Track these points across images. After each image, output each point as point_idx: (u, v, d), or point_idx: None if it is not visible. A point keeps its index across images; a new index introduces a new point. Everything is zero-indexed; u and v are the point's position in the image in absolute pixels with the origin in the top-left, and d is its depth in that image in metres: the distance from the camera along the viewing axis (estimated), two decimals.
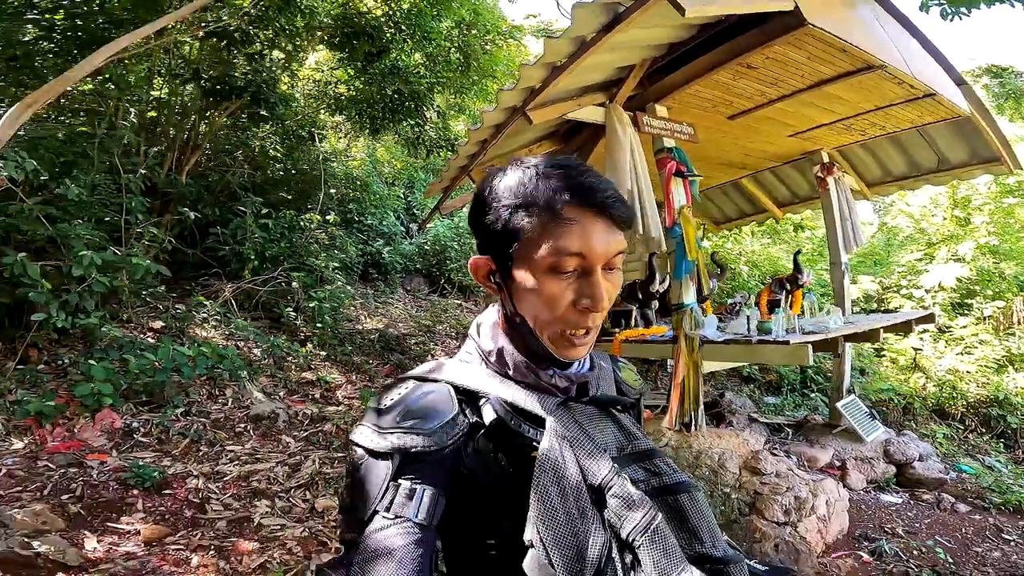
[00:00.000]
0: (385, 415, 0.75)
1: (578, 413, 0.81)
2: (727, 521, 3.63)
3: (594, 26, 2.84)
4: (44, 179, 4.30)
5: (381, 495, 0.69)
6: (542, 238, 0.75)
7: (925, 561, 3.50)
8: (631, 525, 0.71)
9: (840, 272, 5.58)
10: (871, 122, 4.66)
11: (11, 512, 2.92)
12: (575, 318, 0.78)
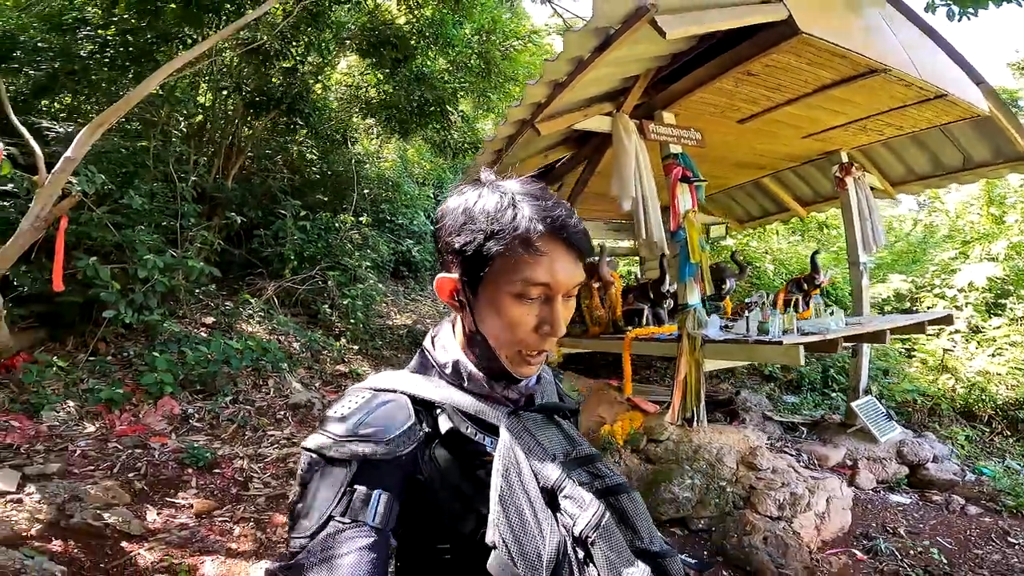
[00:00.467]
0: (342, 423, 0.76)
1: (527, 421, 0.85)
2: (720, 513, 3.77)
3: (587, 48, 3.04)
4: (110, 189, 4.81)
5: (337, 500, 0.71)
6: (513, 266, 0.78)
7: (920, 561, 3.53)
8: (583, 523, 0.75)
9: (859, 272, 5.57)
10: (886, 123, 4.66)
11: (85, 487, 3.38)
12: (534, 341, 0.82)
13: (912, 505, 4.48)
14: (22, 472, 3.41)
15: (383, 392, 0.82)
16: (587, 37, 2.93)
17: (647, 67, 3.90)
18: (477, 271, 0.81)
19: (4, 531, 2.88)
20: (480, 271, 0.80)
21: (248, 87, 5.42)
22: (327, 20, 5.40)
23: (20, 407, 4.09)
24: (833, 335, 3.89)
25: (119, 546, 3.04)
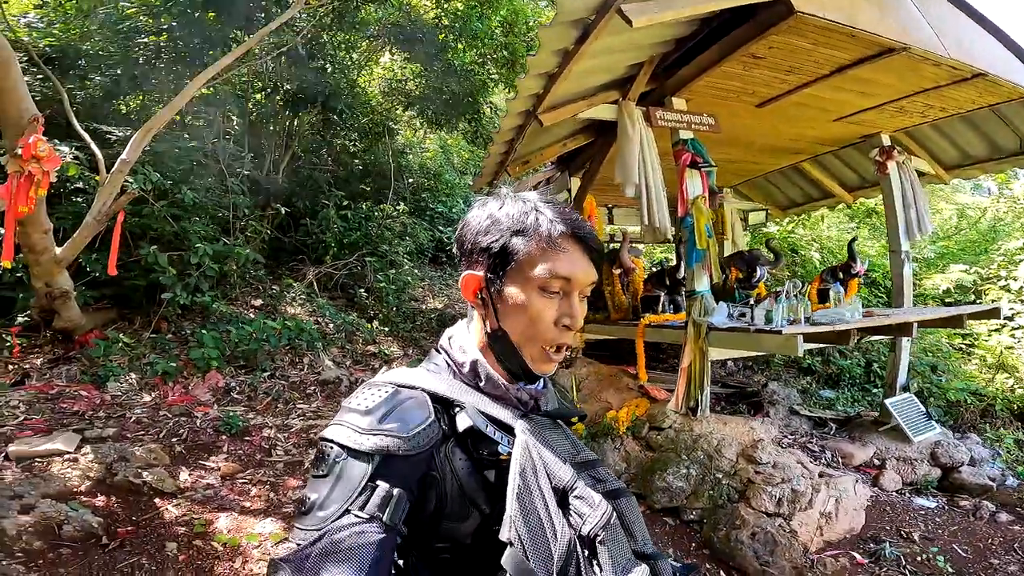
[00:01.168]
0: (366, 416, 0.76)
1: (537, 424, 0.87)
2: (713, 506, 3.66)
3: (568, 40, 2.99)
4: (168, 185, 5.26)
5: (357, 494, 0.70)
6: (537, 260, 0.83)
7: (924, 568, 3.33)
8: (593, 522, 0.77)
9: (900, 260, 5.16)
10: (926, 104, 4.27)
11: (132, 449, 3.78)
12: (554, 334, 0.85)
13: (937, 509, 4.18)
14: (83, 435, 3.86)
15: (405, 388, 0.82)
16: (563, 30, 2.89)
17: (649, 53, 3.77)
18: (502, 267, 0.85)
19: (58, 486, 3.28)
20: (505, 266, 0.85)
21: (285, 88, 5.73)
22: (352, 21, 5.58)
23: (89, 378, 4.60)
24: (843, 326, 3.65)
25: (152, 502, 3.39)
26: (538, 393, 0.92)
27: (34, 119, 3.74)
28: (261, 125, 6.46)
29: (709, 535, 3.53)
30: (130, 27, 5.18)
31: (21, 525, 2.88)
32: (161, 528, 3.19)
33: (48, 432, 3.87)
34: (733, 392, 6.26)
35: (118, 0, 5.11)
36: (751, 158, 5.96)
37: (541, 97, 3.71)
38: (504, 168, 5.17)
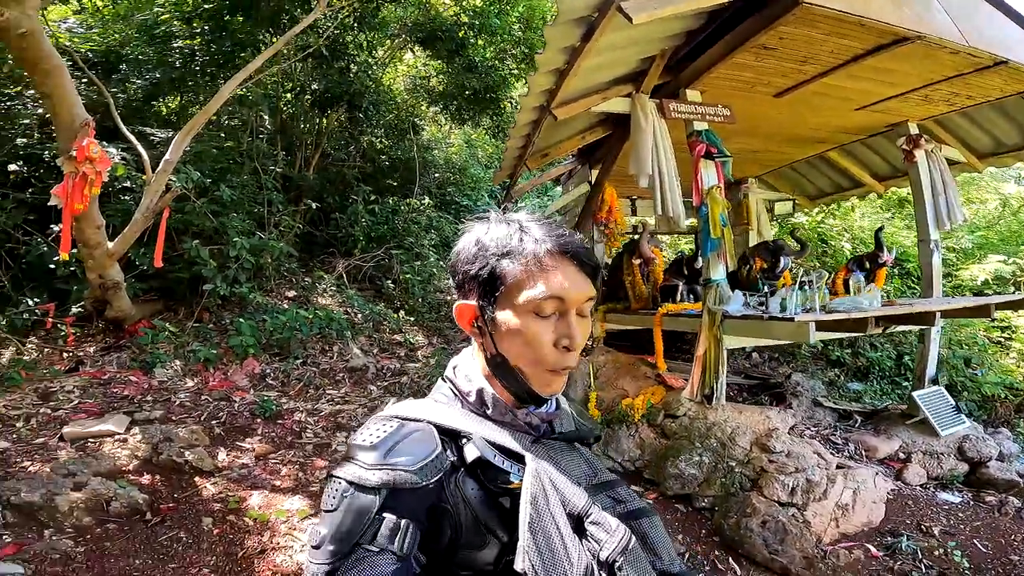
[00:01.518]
0: (371, 452, 0.76)
1: (550, 449, 0.85)
2: (725, 493, 3.68)
3: (575, 37, 3.04)
4: (207, 183, 5.54)
5: (366, 527, 0.71)
6: (526, 282, 0.81)
7: (939, 563, 3.26)
8: (610, 548, 0.75)
9: (929, 250, 5.00)
10: (951, 92, 4.14)
11: (176, 430, 4.03)
12: (555, 357, 0.83)
13: (961, 504, 4.06)
14: (132, 417, 4.15)
15: (410, 421, 0.81)
16: (568, 28, 2.94)
17: (661, 47, 3.77)
18: (493, 292, 0.83)
19: (108, 465, 3.54)
20: (495, 292, 0.83)
21: (313, 88, 5.95)
22: (372, 22, 5.73)
23: (138, 365, 4.92)
24: (860, 314, 3.59)
25: (192, 480, 3.64)
26: (550, 416, 0.91)
27: (85, 123, 4.01)
28: (292, 124, 6.72)
29: (720, 522, 3.54)
30: (165, 32, 5.48)
31: (73, 502, 3.12)
32: (199, 504, 3.42)
33: (100, 415, 4.17)
34: (757, 383, 6.19)
35: (152, 5, 5.39)
36: (774, 148, 5.85)
37: (553, 93, 3.76)
38: (523, 161, 5.24)
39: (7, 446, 3.66)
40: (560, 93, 3.72)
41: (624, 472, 4.15)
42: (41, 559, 2.73)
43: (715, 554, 3.42)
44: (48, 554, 2.78)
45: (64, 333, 4.97)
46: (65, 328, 4.97)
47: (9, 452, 3.60)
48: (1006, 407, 5.56)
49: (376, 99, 6.47)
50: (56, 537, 2.93)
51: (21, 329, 4.82)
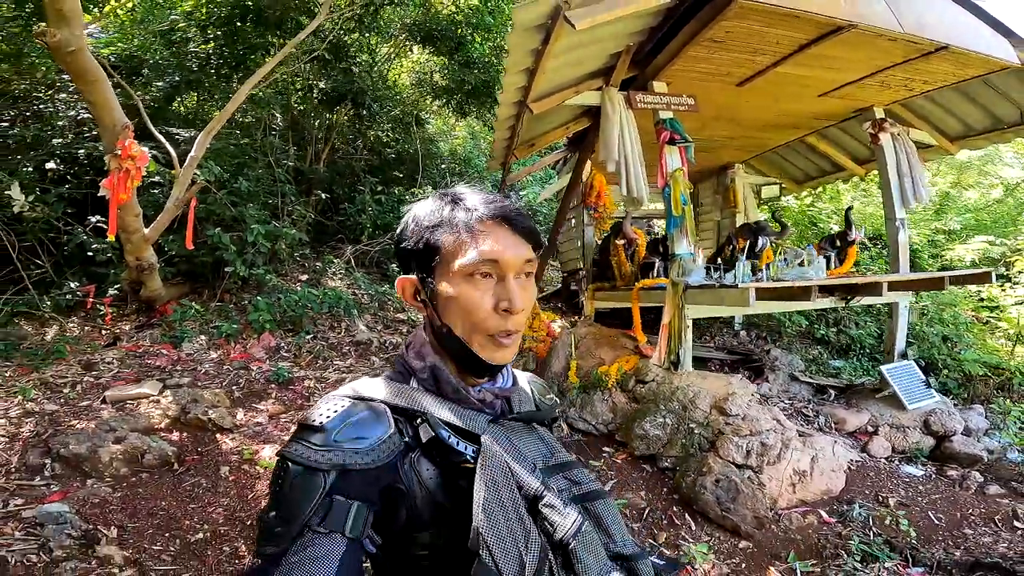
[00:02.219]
0: (321, 433, 0.74)
1: (507, 429, 0.85)
2: (685, 454, 3.91)
3: (535, 43, 3.35)
4: (227, 177, 6.01)
5: (315, 509, 0.69)
6: (460, 249, 0.81)
7: (888, 531, 3.41)
8: (563, 530, 0.75)
9: (895, 228, 5.20)
10: (906, 78, 4.32)
11: (202, 393, 4.52)
12: (496, 321, 0.82)
13: (923, 478, 4.19)
14: (164, 383, 4.66)
15: (363, 401, 0.80)
16: (527, 35, 3.26)
17: (626, 43, 4.04)
18: (429, 263, 0.83)
19: (144, 423, 4.02)
20: (431, 262, 0.83)
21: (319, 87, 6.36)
22: (371, 25, 6.10)
23: (168, 339, 5.44)
24: (803, 283, 3.84)
25: (214, 436, 4.11)
26: (505, 392, 0.90)
27: (126, 126, 4.46)
28: (303, 121, 7.16)
29: (680, 481, 3.72)
30: (181, 37, 5.93)
31: (112, 453, 3.58)
32: (218, 456, 3.89)
33: (137, 381, 4.68)
34: (739, 359, 6.45)
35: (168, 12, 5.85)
36: (753, 134, 6.06)
37: (527, 90, 4.08)
38: (512, 151, 5.56)
39: (56, 408, 4.17)
40: (533, 90, 4.04)
41: (597, 434, 4.48)
42: (83, 503, 3.14)
43: (673, 510, 3.63)
44: (89, 498, 3.20)
45: (103, 312, 5.51)
46: (104, 308, 5.51)
47: (58, 413, 4.10)
48: (987, 385, 5.70)
49: (378, 96, 6.86)
50: (96, 484, 3.37)
51: (64, 310, 5.37)
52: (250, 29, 5.85)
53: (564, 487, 0.84)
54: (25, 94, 5.31)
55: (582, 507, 0.82)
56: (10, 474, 3.40)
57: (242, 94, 5.03)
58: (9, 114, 5.28)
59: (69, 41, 3.50)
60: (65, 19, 3.44)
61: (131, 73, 5.95)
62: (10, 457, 3.52)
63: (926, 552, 3.25)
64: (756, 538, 3.39)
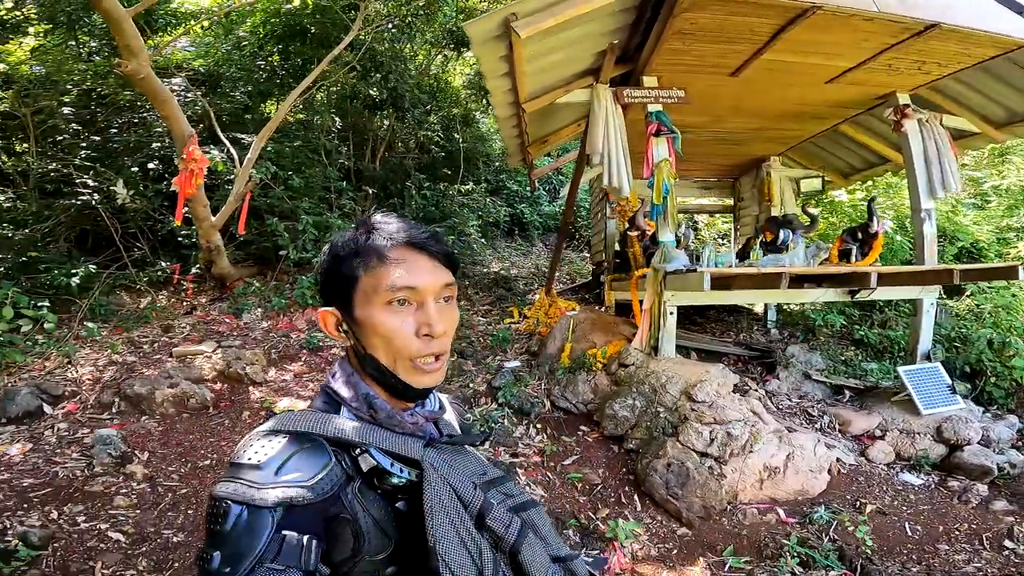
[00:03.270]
0: (259, 471, 0.72)
1: (442, 452, 0.85)
2: (649, 437, 3.90)
3: (499, 53, 3.57)
4: (286, 175, 6.79)
5: (266, 546, 0.68)
6: (375, 279, 0.80)
7: (846, 539, 3.23)
8: (512, 539, 0.79)
9: (921, 219, 4.77)
10: (916, 60, 4.02)
11: (245, 353, 5.25)
12: (418, 346, 0.82)
13: (919, 487, 3.90)
14: (219, 343, 5.45)
15: (298, 436, 0.78)
16: (489, 45, 3.48)
17: (607, 41, 4.12)
18: (348, 294, 0.82)
19: (196, 374, 4.77)
20: (350, 292, 0.82)
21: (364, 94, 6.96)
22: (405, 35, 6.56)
23: (232, 310, 6.30)
24: (773, 270, 3.70)
25: (247, 388, 4.78)
26: (434, 415, 0.91)
27: (190, 135, 5.30)
28: (360, 124, 7.85)
29: (638, 463, 3.72)
30: (249, 53, 6.78)
31: (165, 396, 4.31)
32: (245, 404, 4.54)
33: (199, 341, 5.53)
34: (756, 355, 6.19)
35: (235, 31, 6.70)
36: (778, 125, 5.78)
37: (516, 92, 4.29)
38: (526, 148, 5.79)
39: (135, 360, 5.07)
40: (521, 92, 4.24)
41: (577, 413, 4.59)
42: (132, 433, 3.86)
43: (624, 490, 3.66)
44: (137, 430, 3.92)
45: (185, 287, 6.50)
46: (186, 283, 6.50)
47: (135, 363, 4.98)
48: None
49: (417, 101, 7.36)
50: (147, 419, 4.11)
51: (156, 284, 6.40)
52: (300, 46, 6.58)
53: (499, 501, 0.85)
54: (129, 104, 6.39)
55: (518, 517, 0.85)
56: (87, 409, 4.26)
57: (286, 106, 5.73)
58: (117, 122, 6.40)
59: (138, 70, 4.28)
60: (133, 53, 4.22)
61: (213, 86, 6.94)
62: (89, 396, 4.39)
63: (878, 564, 3.04)
64: (696, 527, 3.34)
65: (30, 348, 4.75)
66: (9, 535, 2.76)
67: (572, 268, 9.08)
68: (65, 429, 3.91)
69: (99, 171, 6.07)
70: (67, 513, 3.03)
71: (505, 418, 4.43)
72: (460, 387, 5.00)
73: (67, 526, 2.93)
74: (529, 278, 8.16)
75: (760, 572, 3.03)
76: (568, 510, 3.47)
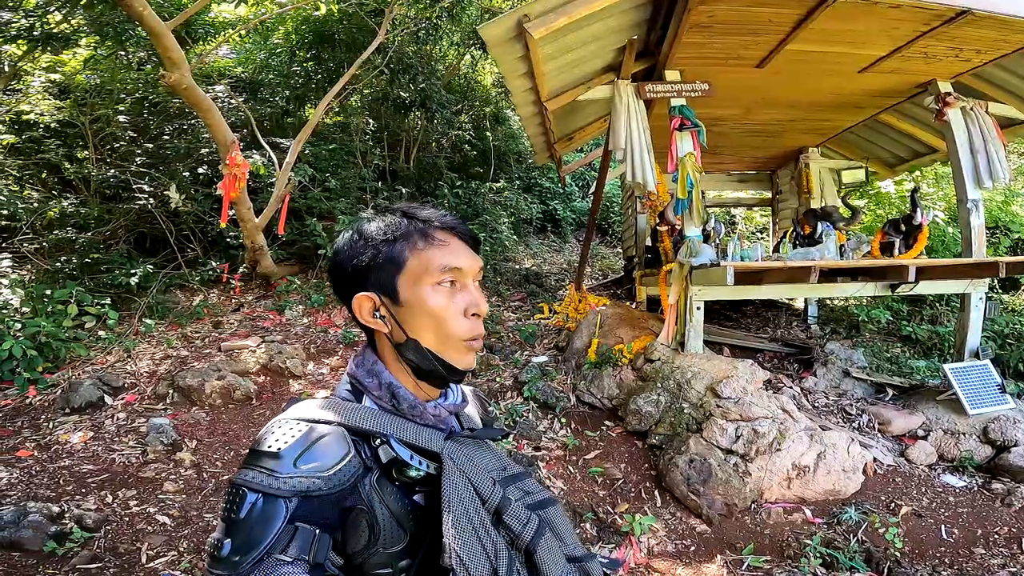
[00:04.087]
0: (278, 459, 0.72)
1: (462, 445, 0.84)
2: (673, 433, 3.89)
3: (515, 54, 3.64)
4: (324, 177, 7.08)
5: (277, 536, 0.68)
6: (424, 260, 0.81)
7: (875, 540, 3.14)
8: (528, 538, 0.78)
9: (967, 210, 4.54)
10: (952, 48, 3.86)
11: (286, 347, 5.53)
12: (467, 326, 0.83)
13: (961, 489, 3.75)
14: (263, 339, 5.77)
15: (319, 424, 0.77)
16: (506, 47, 3.54)
17: (626, 37, 4.11)
18: (392, 277, 0.82)
19: (241, 367, 5.06)
20: (395, 275, 0.82)
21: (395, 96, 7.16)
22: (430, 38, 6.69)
23: (275, 307, 6.64)
24: (799, 263, 3.62)
25: (287, 381, 5.05)
26: (457, 408, 0.91)
27: (233, 141, 5.62)
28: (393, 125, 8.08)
29: (660, 459, 3.71)
30: (283, 59, 7.08)
31: (214, 388, 4.60)
32: (285, 395, 4.80)
33: (246, 336, 5.87)
34: (792, 351, 6.03)
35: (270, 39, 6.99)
36: (814, 116, 5.59)
37: (536, 91, 4.35)
38: (552, 145, 5.83)
39: (187, 354, 5.43)
40: (542, 91, 4.30)
41: (602, 408, 4.62)
42: (183, 422, 4.15)
43: (645, 485, 3.65)
44: (187, 419, 4.20)
45: (233, 285, 6.89)
46: (234, 282, 6.89)
47: (187, 357, 5.34)
48: None
49: (445, 102, 7.51)
50: (196, 409, 4.38)
51: (207, 283, 6.81)
52: (331, 52, 6.84)
53: (518, 497, 0.84)
54: (178, 111, 6.81)
55: (536, 515, 0.84)
56: (144, 399, 4.61)
57: (320, 111, 5.97)
58: (168, 129, 6.81)
59: (181, 81, 4.57)
60: (176, 64, 4.51)
61: (253, 92, 7.29)
62: (146, 387, 4.75)
63: (907, 567, 2.98)
64: (716, 524, 3.32)
65: (93, 343, 5.15)
66: (66, 518, 2.98)
67: (604, 264, 9.06)
68: (123, 419, 4.24)
69: (154, 176, 6.51)
70: (120, 497, 3.28)
71: (530, 412, 4.51)
72: (487, 381, 5.11)
73: (120, 510, 3.18)
74: (560, 274, 8.20)
75: (779, 572, 3.00)
76: (587, 503, 3.52)
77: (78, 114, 6.38)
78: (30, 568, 2.67)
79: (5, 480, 3.33)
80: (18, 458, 3.56)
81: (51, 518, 2.94)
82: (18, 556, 2.72)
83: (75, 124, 6.47)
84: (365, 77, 6.99)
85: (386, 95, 7.46)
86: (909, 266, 3.65)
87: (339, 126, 7.79)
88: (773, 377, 5.21)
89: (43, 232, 6.11)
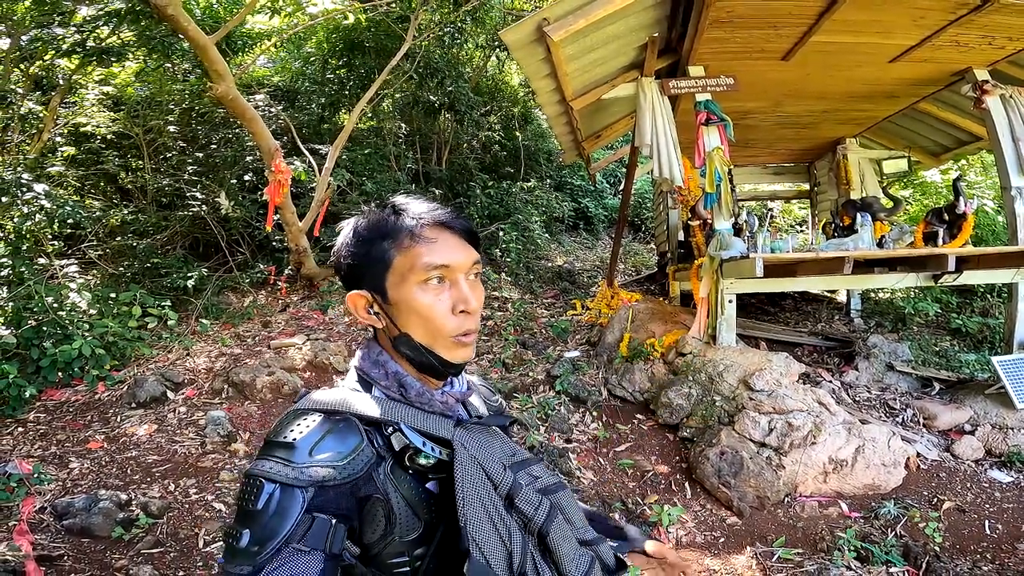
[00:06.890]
0: (295, 449, 0.73)
1: (472, 432, 0.85)
2: (704, 425, 3.93)
3: (537, 56, 3.78)
4: (363, 180, 7.40)
5: (294, 526, 0.69)
6: (410, 259, 0.81)
7: (914, 535, 3.12)
8: (540, 521, 0.80)
9: (1011, 197, 4.42)
10: (982, 35, 3.77)
11: (329, 345, 5.85)
12: (456, 322, 0.83)
13: (1008, 484, 3.68)
14: (308, 337, 6.12)
15: (332, 414, 0.79)
16: (528, 49, 3.69)
17: (649, 33, 4.18)
18: (381, 275, 0.83)
19: (289, 363, 5.40)
20: (383, 273, 0.83)
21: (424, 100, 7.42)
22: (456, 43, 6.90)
23: (319, 307, 7.00)
24: (833, 254, 3.62)
25: (331, 376, 5.35)
26: (464, 395, 0.92)
27: (276, 149, 5.98)
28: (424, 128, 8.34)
29: (691, 451, 3.74)
30: (315, 69, 7.42)
31: (264, 383, 4.91)
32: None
33: (292, 335, 6.23)
34: (832, 345, 5.95)
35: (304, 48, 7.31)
36: (848, 106, 5.49)
37: (561, 91, 4.48)
38: (580, 144, 5.94)
39: (240, 351, 5.82)
40: (566, 90, 4.42)
41: (633, 402, 4.71)
42: (237, 415, 4.45)
43: (676, 477, 3.71)
44: (241, 413, 4.50)
45: (279, 287, 7.30)
46: (280, 283, 7.30)
47: (240, 355, 5.72)
48: None
49: (473, 104, 7.70)
50: (249, 403, 4.69)
51: (256, 284, 7.25)
52: (361, 59, 7.14)
53: (528, 483, 0.85)
54: (224, 120, 7.25)
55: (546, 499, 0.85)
56: (202, 394, 4.98)
57: (354, 116, 6.27)
58: (215, 138, 7.26)
59: (227, 92, 4.92)
60: (221, 76, 4.85)
61: (291, 100, 7.68)
62: (204, 383, 5.14)
63: (946, 562, 2.94)
64: (747, 517, 3.35)
65: (155, 342, 5.59)
66: (133, 505, 3.25)
67: (638, 260, 9.09)
68: (184, 412, 4.60)
69: (205, 184, 6.96)
70: (182, 486, 3.55)
71: (562, 405, 4.65)
72: (520, 376, 5.28)
73: (181, 497, 3.44)
74: (592, 271, 8.29)
75: (810, 564, 2.99)
76: (616, 494, 3.63)
77: (131, 125, 6.79)
78: (98, 553, 2.90)
79: (77, 470, 3.64)
80: (89, 450, 3.88)
81: (119, 505, 3.20)
82: (87, 542, 2.95)
83: (129, 135, 6.90)
84: (395, 82, 7.26)
85: (416, 99, 7.72)
86: (948, 255, 3.59)
87: (373, 130, 8.11)
88: (811, 371, 5.18)
89: (106, 239, 6.63)
